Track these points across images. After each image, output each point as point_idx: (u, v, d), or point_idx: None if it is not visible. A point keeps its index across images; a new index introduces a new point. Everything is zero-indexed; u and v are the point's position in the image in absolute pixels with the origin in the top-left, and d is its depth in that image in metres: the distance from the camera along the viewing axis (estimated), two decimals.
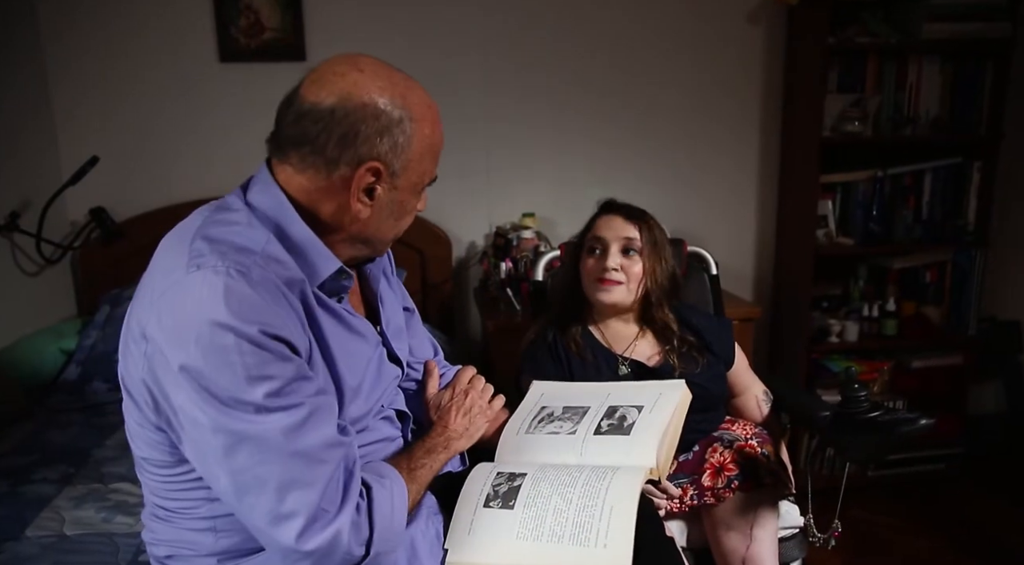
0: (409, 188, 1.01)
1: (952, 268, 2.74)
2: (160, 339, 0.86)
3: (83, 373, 2.10)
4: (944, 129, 2.63)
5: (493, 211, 2.73)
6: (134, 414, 0.97)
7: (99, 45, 2.50)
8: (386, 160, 0.96)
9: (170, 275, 0.90)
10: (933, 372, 2.74)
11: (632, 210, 1.58)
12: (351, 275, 1.04)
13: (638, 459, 1.12)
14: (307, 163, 0.95)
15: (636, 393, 1.27)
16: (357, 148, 0.94)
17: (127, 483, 1.59)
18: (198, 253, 0.90)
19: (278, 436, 0.86)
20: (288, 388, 0.87)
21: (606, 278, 1.54)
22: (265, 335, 0.86)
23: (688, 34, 2.72)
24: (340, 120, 0.93)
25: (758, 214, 2.91)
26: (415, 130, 0.97)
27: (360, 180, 0.96)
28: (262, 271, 0.89)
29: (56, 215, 2.47)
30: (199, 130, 2.59)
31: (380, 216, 1.01)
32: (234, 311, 0.85)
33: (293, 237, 0.96)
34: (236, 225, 0.95)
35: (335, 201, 0.98)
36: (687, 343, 1.57)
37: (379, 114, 0.94)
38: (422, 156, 1.00)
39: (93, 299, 2.47)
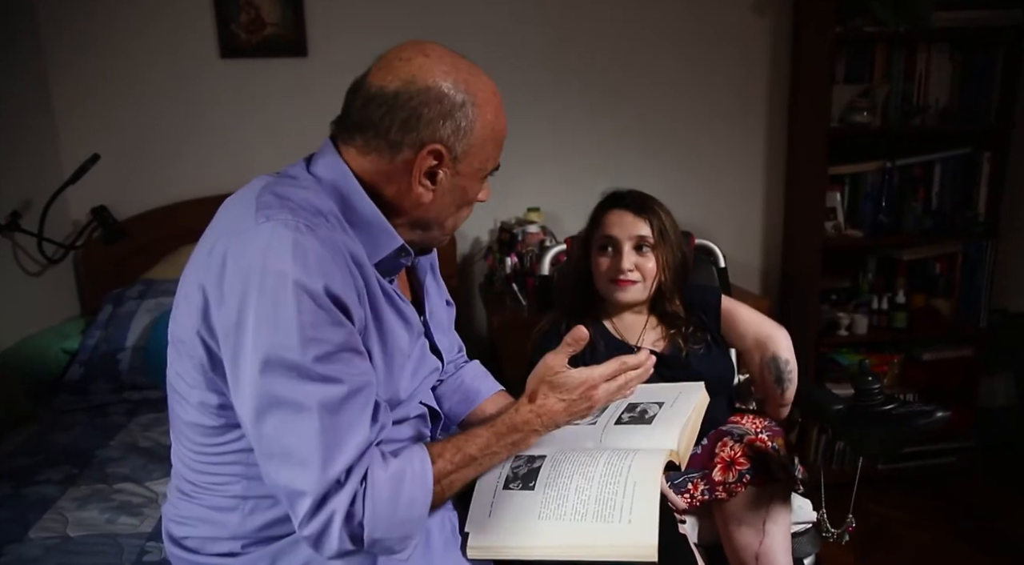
0: (471, 174, 1.00)
1: (962, 260, 2.71)
2: (221, 287, 0.86)
3: (86, 373, 2.08)
4: (954, 119, 2.60)
5: (497, 206, 2.71)
6: (188, 374, 0.95)
7: (99, 43, 2.48)
8: (448, 143, 0.96)
9: (236, 226, 0.89)
10: (943, 365, 2.72)
11: (640, 203, 1.55)
12: (410, 254, 1.03)
13: (659, 442, 1.11)
14: (371, 146, 0.96)
15: (655, 392, 1.26)
16: (420, 131, 0.94)
17: (131, 483, 1.57)
18: (267, 206, 0.89)
19: (313, 408, 0.84)
20: (336, 356, 0.85)
21: (621, 279, 1.52)
22: (328, 295, 0.85)
23: (692, 25, 2.69)
24: (403, 103, 0.94)
25: (765, 206, 2.88)
26: (478, 115, 0.97)
27: (422, 163, 0.96)
28: (329, 231, 0.89)
29: (58, 214, 2.46)
30: (201, 127, 2.57)
31: (442, 201, 1.00)
32: (301, 264, 0.84)
33: (358, 210, 0.96)
34: (304, 189, 0.95)
35: (397, 184, 0.98)
36: (691, 324, 1.57)
37: (442, 97, 0.94)
38: (484, 142, 0.99)
39: (96, 299, 2.45)
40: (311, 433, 0.84)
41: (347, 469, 0.86)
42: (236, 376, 0.87)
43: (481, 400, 1.33)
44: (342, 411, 0.86)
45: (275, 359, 0.83)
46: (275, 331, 0.83)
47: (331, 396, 0.85)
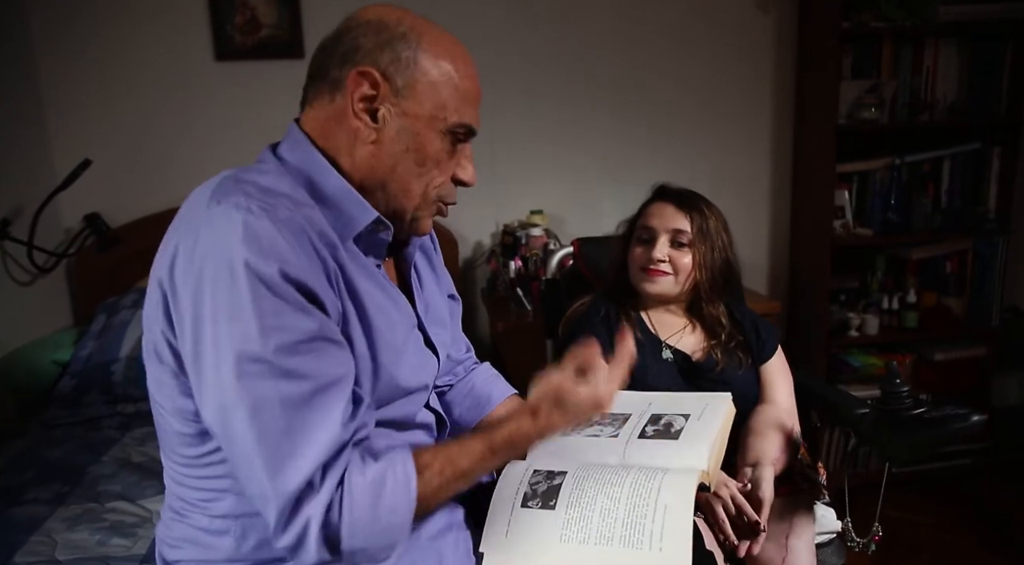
0: (424, 118, 0.90)
1: (973, 257, 2.66)
2: (174, 280, 0.80)
3: (78, 386, 2.01)
4: (962, 114, 2.57)
5: (500, 209, 2.66)
6: (162, 382, 0.88)
7: (92, 47, 2.43)
8: (385, 70, 0.88)
9: (189, 214, 0.84)
10: (956, 365, 2.67)
11: (685, 197, 1.51)
12: (389, 227, 0.94)
13: (689, 461, 1.04)
14: (316, 92, 0.92)
15: (680, 402, 1.20)
16: (357, 62, 0.88)
17: (124, 502, 1.50)
18: (221, 191, 0.83)
19: (275, 406, 0.77)
20: (303, 347, 0.78)
21: (652, 269, 1.48)
22: (285, 278, 0.78)
23: (696, 23, 2.65)
24: (341, 38, 0.90)
25: (771, 205, 2.83)
26: (424, 49, 0.89)
27: (355, 88, 0.88)
28: (289, 213, 0.82)
29: (50, 222, 2.40)
30: (195, 131, 2.52)
31: (393, 149, 0.91)
32: (253, 247, 0.77)
33: (326, 188, 0.90)
34: (265, 173, 0.89)
35: (344, 128, 0.91)
36: (735, 340, 1.50)
37: (381, 28, 0.89)
38: (435, 83, 0.90)
39: (89, 308, 2.39)
40: (275, 433, 0.77)
41: (321, 471, 0.79)
42: (198, 374, 0.80)
43: (493, 406, 1.26)
44: (311, 407, 0.79)
45: (236, 352, 0.77)
46: (232, 321, 0.77)
47: (296, 392, 0.78)
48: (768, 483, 1.27)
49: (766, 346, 1.52)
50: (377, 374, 0.91)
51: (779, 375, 1.51)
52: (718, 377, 1.44)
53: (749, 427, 1.38)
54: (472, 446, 0.91)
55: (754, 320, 1.56)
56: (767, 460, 1.28)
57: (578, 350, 0.96)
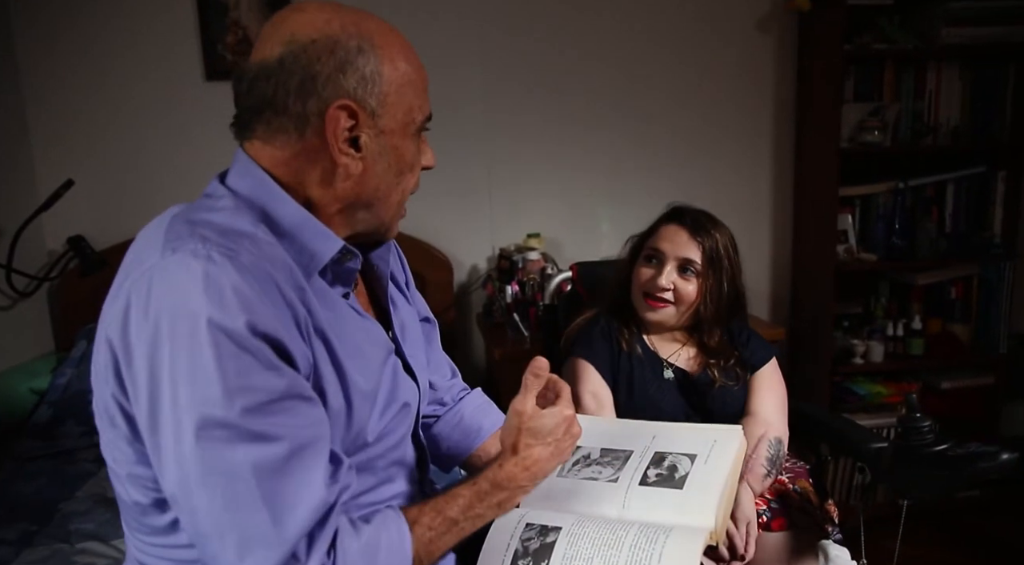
0: (399, 130, 0.85)
1: (979, 283, 2.61)
2: (127, 339, 0.72)
3: (55, 415, 1.93)
4: (966, 137, 2.53)
5: (496, 232, 2.60)
6: (114, 444, 0.81)
7: (79, 66, 2.38)
8: (357, 96, 0.81)
9: (141, 263, 0.76)
10: (963, 393, 2.61)
11: (700, 222, 1.46)
12: (357, 255, 0.88)
13: (694, 518, 0.95)
14: (273, 128, 0.82)
15: (686, 437, 1.11)
16: (319, 92, 0.80)
17: (96, 542, 1.41)
18: (175, 235, 0.76)
19: (247, 474, 0.70)
20: (273, 407, 0.72)
21: (655, 298, 1.44)
22: (253, 333, 0.71)
23: (696, 44, 2.62)
24: (291, 67, 0.80)
25: (772, 229, 2.78)
26: (382, 57, 0.82)
27: (335, 126, 0.81)
28: (252, 257, 0.75)
29: (32, 245, 2.33)
30: (184, 152, 2.46)
31: (376, 170, 0.85)
32: (215, 300, 0.70)
33: (282, 220, 0.82)
34: (220, 211, 0.80)
35: (319, 164, 0.83)
36: (732, 356, 1.47)
37: (333, 46, 0.80)
38: (401, 88, 0.84)
39: (72, 334, 2.31)
40: (251, 504, 0.70)
41: (307, 542, 0.72)
42: (156, 444, 0.73)
43: (484, 437, 1.17)
44: (286, 472, 0.72)
45: (198, 418, 0.70)
46: (193, 384, 0.70)
47: (270, 456, 0.71)
48: (746, 502, 1.21)
49: (755, 355, 1.49)
50: (350, 421, 0.84)
51: (764, 384, 1.47)
52: (716, 393, 1.42)
53: None
54: (458, 493, 0.86)
55: (749, 335, 1.53)
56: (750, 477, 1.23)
57: (530, 377, 0.92)
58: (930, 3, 2.42)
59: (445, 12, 2.50)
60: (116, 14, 2.36)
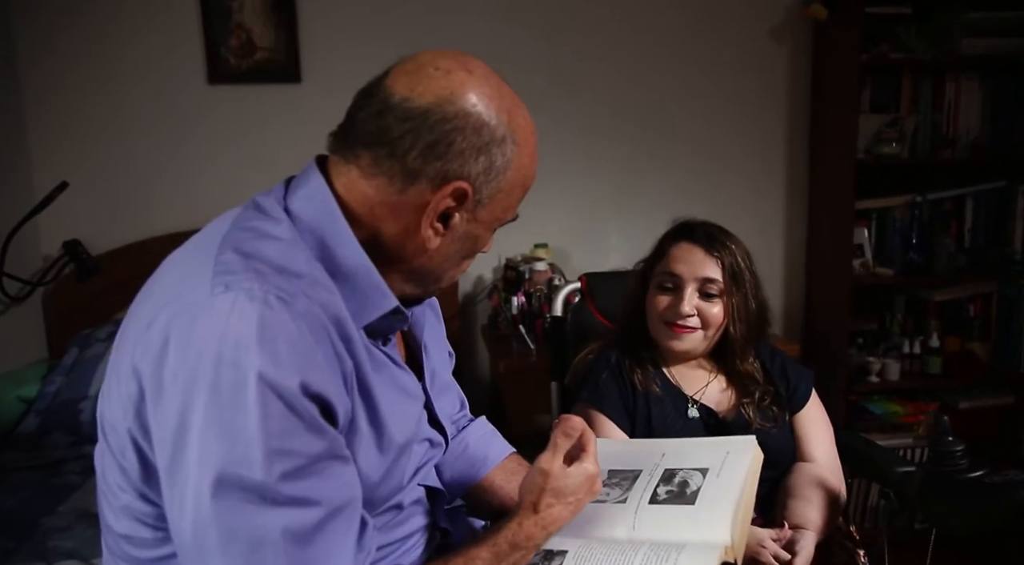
0: (489, 222, 0.82)
1: (998, 300, 2.54)
2: (160, 376, 0.66)
3: (42, 424, 1.86)
4: (986, 151, 2.47)
5: (502, 242, 2.50)
6: (114, 473, 0.75)
7: (79, 68, 2.34)
8: (476, 183, 0.77)
9: (186, 294, 0.69)
10: (982, 413, 2.53)
11: (713, 238, 1.32)
12: (406, 318, 0.83)
13: (708, 533, 0.89)
14: (380, 168, 0.76)
15: (696, 452, 1.04)
16: (446, 162, 0.75)
17: (76, 561, 1.33)
18: (227, 269, 0.70)
19: (276, 540, 0.65)
20: (311, 469, 0.67)
21: (679, 325, 1.30)
22: (306, 394, 0.66)
23: (709, 53, 2.57)
24: (434, 125, 0.75)
25: (786, 243, 2.72)
26: (515, 155, 0.79)
27: (440, 202, 0.77)
28: (308, 302, 0.70)
29: (27, 249, 2.28)
30: (185, 156, 2.41)
31: (448, 251, 0.82)
32: (271, 354, 0.65)
33: (342, 261, 0.76)
34: (276, 241, 0.74)
35: (401, 222, 0.78)
36: (769, 394, 1.34)
37: (481, 127, 0.76)
38: (513, 188, 0.81)
39: (65, 340, 2.25)
40: None
41: None
42: (174, 496, 0.67)
43: (489, 468, 1.12)
44: (317, 539, 0.67)
45: (228, 478, 0.64)
46: (231, 442, 0.64)
47: (302, 522, 0.66)
48: (808, 554, 1.12)
49: (796, 392, 1.36)
50: (387, 480, 0.81)
51: (816, 427, 1.35)
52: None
53: (787, 488, 1.23)
54: (476, 556, 0.82)
55: (783, 363, 1.40)
56: (811, 526, 1.13)
57: (560, 436, 0.89)
58: (949, 13, 2.36)
59: (451, 21, 2.45)
60: (117, 15, 2.33)
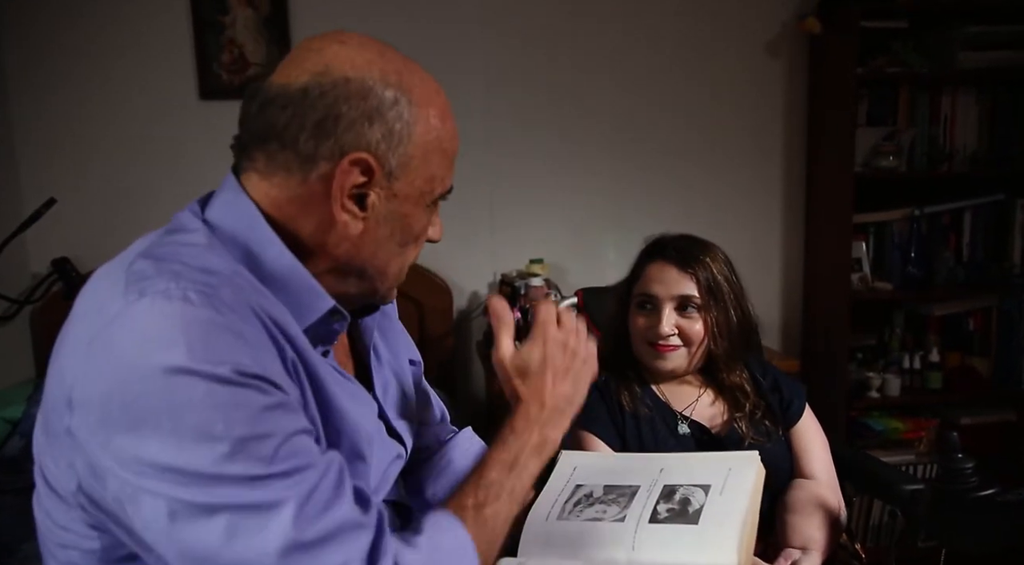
0: (413, 197, 0.76)
1: (998, 315, 2.52)
2: (94, 401, 0.62)
3: (27, 446, 1.79)
4: (984, 164, 2.46)
5: (497, 257, 2.51)
6: (57, 514, 0.71)
7: (69, 84, 2.31)
8: (378, 152, 0.72)
9: (103, 310, 0.65)
10: (984, 430, 2.50)
11: (687, 254, 1.30)
12: (346, 317, 0.78)
13: (714, 556, 0.86)
14: (276, 163, 0.72)
15: (696, 468, 1.01)
16: (338, 137, 0.71)
17: None
18: (140, 276, 0.66)
19: (282, 516, 0.61)
20: (288, 446, 0.63)
21: (660, 344, 1.29)
22: (244, 375, 0.62)
23: (704, 66, 2.56)
24: (315, 101, 0.70)
25: (784, 257, 2.70)
26: (417, 116, 0.74)
27: (344, 179, 0.72)
28: (233, 292, 0.66)
29: (15, 267, 2.24)
30: (175, 173, 2.38)
31: (376, 235, 0.76)
32: (197, 347, 0.61)
33: (268, 264, 0.72)
34: (192, 247, 0.71)
35: (315, 214, 0.73)
36: (760, 408, 1.32)
37: (366, 92, 0.71)
38: (428, 153, 0.75)
39: None
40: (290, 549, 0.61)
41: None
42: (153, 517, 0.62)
43: None
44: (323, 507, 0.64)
45: (208, 478, 0.61)
46: (195, 449, 0.60)
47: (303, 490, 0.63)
48: None
49: (791, 407, 1.34)
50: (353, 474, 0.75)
51: (812, 442, 1.33)
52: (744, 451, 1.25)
53: (787, 504, 1.20)
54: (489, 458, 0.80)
55: (775, 377, 1.38)
56: (815, 545, 1.10)
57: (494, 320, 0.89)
58: (946, 27, 2.36)
59: (446, 31, 2.44)
60: (107, 30, 2.31)
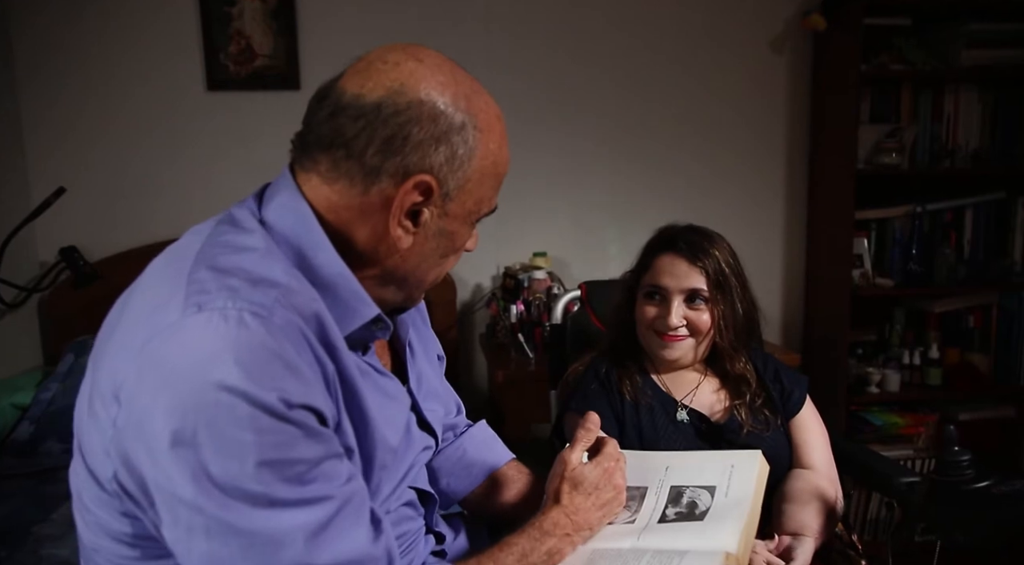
0: (462, 216, 0.80)
1: (998, 312, 2.53)
2: (141, 404, 0.65)
3: (36, 432, 1.84)
4: (985, 162, 2.47)
5: (501, 251, 2.53)
6: (91, 491, 0.73)
7: (77, 75, 2.33)
8: (439, 175, 0.75)
9: (159, 315, 0.68)
10: (983, 426, 2.52)
11: (697, 247, 1.31)
12: (388, 326, 0.81)
13: (715, 542, 0.88)
14: (340, 171, 0.75)
15: (701, 467, 1.04)
16: (405, 156, 0.73)
17: None
18: (200, 288, 0.68)
19: (297, 541, 0.64)
20: (314, 473, 0.67)
21: (669, 334, 1.30)
22: (289, 405, 0.65)
23: (708, 63, 2.57)
24: (387, 118, 0.73)
25: (786, 253, 2.71)
26: (479, 142, 0.77)
27: (405, 198, 0.75)
28: (286, 313, 0.68)
29: (23, 255, 2.26)
30: (183, 163, 2.40)
31: (423, 250, 0.79)
32: (249, 371, 0.63)
33: (319, 269, 0.75)
34: (250, 252, 0.73)
35: (370, 224, 0.76)
36: (761, 397, 1.33)
37: (437, 116, 0.74)
38: (483, 177, 0.79)
39: (62, 348, 2.23)
40: None
41: None
42: (177, 521, 0.66)
43: (488, 474, 1.11)
44: (331, 530, 0.67)
45: (234, 491, 0.64)
46: (228, 461, 0.63)
47: (319, 518, 0.66)
48: (806, 560, 1.11)
49: (791, 398, 1.35)
50: (369, 480, 0.79)
51: (811, 433, 1.34)
52: (744, 441, 1.27)
53: (785, 493, 1.22)
54: (512, 542, 0.86)
55: (776, 368, 1.39)
56: (809, 532, 1.12)
57: (580, 431, 0.97)
58: (949, 25, 2.37)
59: (448, 26, 2.45)
60: (115, 20, 2.32)
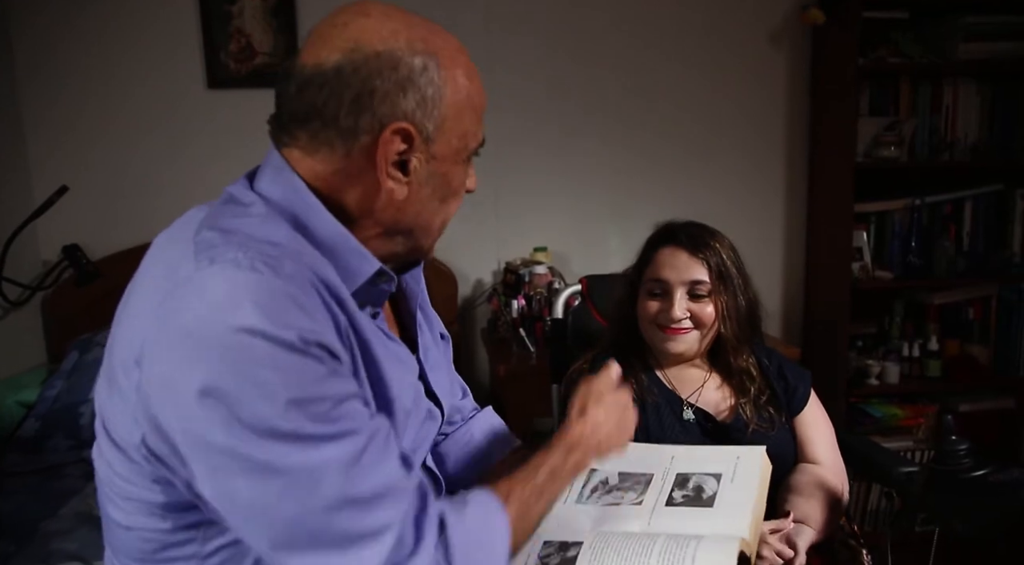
0: (451, 156, 0.80)
1: (997, 303, 2.55)
2: (164, 359, 0.66)
3: (42, 429, 1.85)
4: (984, 154, 2.48)
5: (502, 246, 2.54)
6: (120, 467, 0.75)
7: (78, 73, 2.34)
8: (415, 120, 0.76)
9: (172, 275, 0.70)
10: (982, 417, 2.53)
11: (697, 239, 1.32)
12: (392, 278, 0.83)
13: (727, 528, 0.89)
14: (319, 141, 0.76)
15: (706, 458, 1.05)
16: (375, 109, 0.74)
17: (78, 564, 1.33)
18: (209, 244, 0.71)
19: (333, 474, 0.66)
20: (339, 410, 0.68)
21: (672, 327, 1.30)
22: (307, 342, 0.67)
23: (707, 57, 2.58)
24: (349, 78, 0.74)
25: (785, 246, 2.72)
26: (446, 79, 0.77)
27: (387, 148, 0.75)
28: (294, 265, 0.70)
29: (26, 254, 2.27)
30: (184, 161, 2.41)
31: (420, 197, 0.80)
32: (267, 312, 0.65)
33: (317, 233, 0.76)
34: (252, 217, 0.75)
35: (361, 184, 0.77)
36: (765, 393, 1.33)
37: (396, 63, 0.75)
38: (460, 112, 0.79)
39: (65, 345, 2.24)
40: (342, 502, 0.67)
41: (414, 526, 0.70)
42: (215, 469, 0.67)
43: (495, 460, 1.11)
44: (364, 460, 0.69)
45: (265, 431, 0.65)
46: (257, 401, 0.64)
47: (351, 451, 0.68)
48: (804, 549, 1.12)
49: (796, 394, 1.35)
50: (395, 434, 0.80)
51: (817, 428, 1.34)
52: (749, 439, 1.27)
53: (789, 485, 1.23)
54: (541, 462, 0.85)
55: (780, 364, 1.39)
56: (811, 522, 1.13)
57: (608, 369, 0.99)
58: (946, 18, 2.38)
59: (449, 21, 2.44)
60: (116, 19, 2.33)
